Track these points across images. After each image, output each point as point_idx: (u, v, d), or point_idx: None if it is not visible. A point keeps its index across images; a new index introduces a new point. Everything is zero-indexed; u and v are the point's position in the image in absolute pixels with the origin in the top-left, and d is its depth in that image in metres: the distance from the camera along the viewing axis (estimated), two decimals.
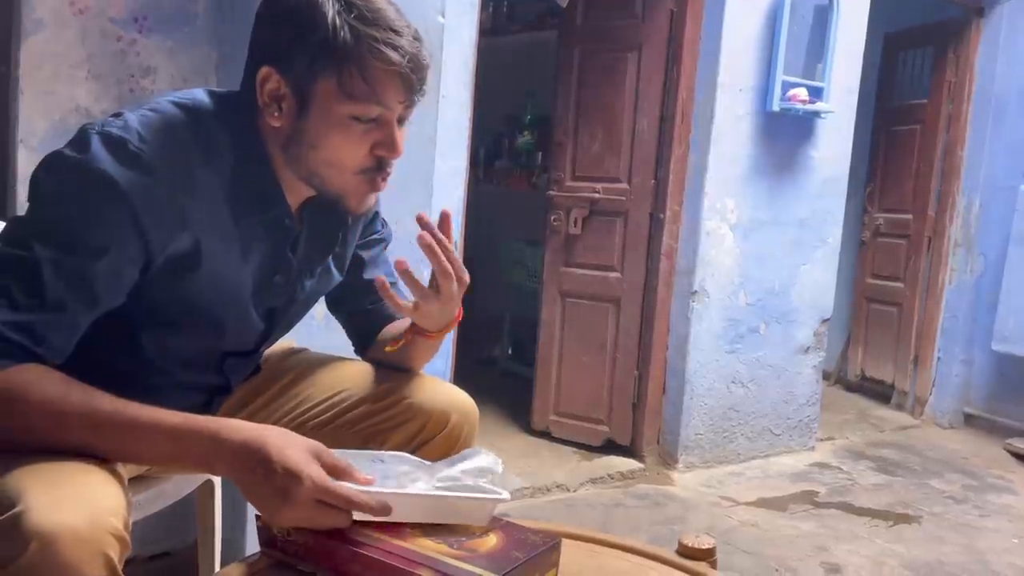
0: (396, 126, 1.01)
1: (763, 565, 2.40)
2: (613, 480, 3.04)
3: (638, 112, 3.16)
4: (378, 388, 1.24)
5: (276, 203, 1.04)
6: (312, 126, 0.98)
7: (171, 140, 0.95)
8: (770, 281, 3.31)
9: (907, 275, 4.24)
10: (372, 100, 0.96)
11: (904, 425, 4.06)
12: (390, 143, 1.00)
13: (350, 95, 0.96)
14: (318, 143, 0.99)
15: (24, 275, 0.86)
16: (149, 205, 0.91)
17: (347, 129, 0.98)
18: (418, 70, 0.98)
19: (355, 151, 0.99)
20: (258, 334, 1.16)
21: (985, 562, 2.52)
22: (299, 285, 1.15)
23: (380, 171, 1.02)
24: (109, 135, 0.91)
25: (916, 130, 4.22)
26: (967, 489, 3.20)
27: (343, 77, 0.95)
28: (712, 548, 1.09)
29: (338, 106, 0.96)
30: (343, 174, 1.01)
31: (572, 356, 3.33)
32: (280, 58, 0.97)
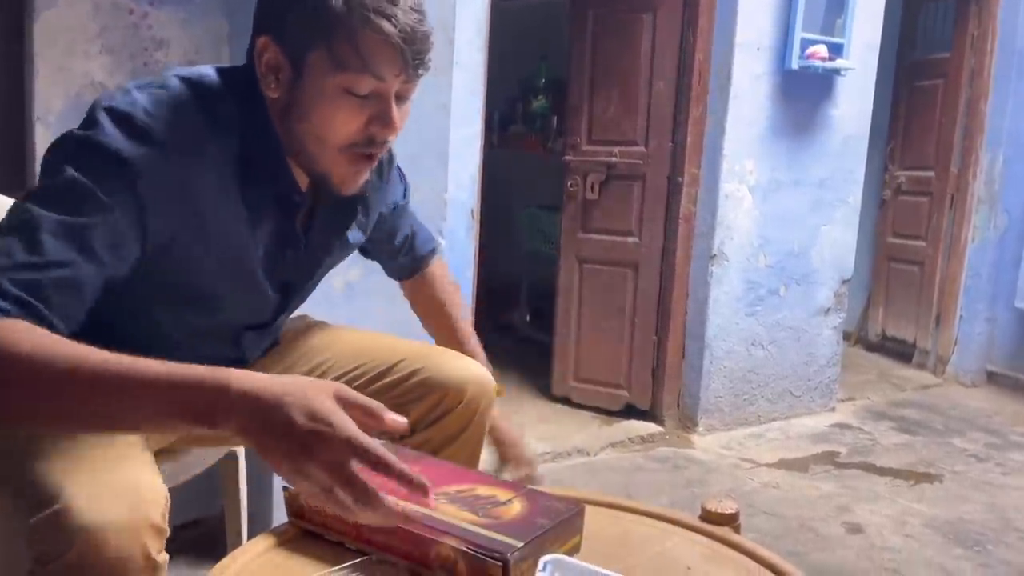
0: (393, 101, 0.97)
1: (784, 526, 2.42)
2: (633, 444, 3.05)
3: (654, 74, 3.11)
4: (395, 362, 1.24)
5: (283, 177, 1.03)
6: (304, 97, 0.96)
7: (178, 115, 0.94)
8: (790, 242, 3.29)
9: (929, 233, 4.19)
10: (364, 71, 0.93)
11: (926, 384, 4.04)
12: (385, 118, 0.97)
13: (341, 65, 0.93)
14: (309, 115, 0.96)
15: (25, 234, 0.84)
16: (153, 178, 0.90)
17: (339, 101, 0.95)
18: (414, 41, 0.94)
19: (346, 125, 0.96)
20: (274, 307, 1.16)
21: (1007, 519, 2.52)
22: (316, 260, 1.16)
23: (369, 147, 0.99)
24: (114, 110, 0.91)
25: (938, 85, 4.14)
26: (990, 447, 3.19)
27: (334, 47, 0.92)
28: (736, 513, 1.10)
29: (330, 77, 0.94)
30: (329, 150, 0.98)
31: (591, 322, 3.33)
32: (277, 27, 0.96)
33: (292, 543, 0.96)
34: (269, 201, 1.04)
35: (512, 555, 0.83)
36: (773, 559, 1.00)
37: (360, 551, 0.91)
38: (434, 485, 0.96)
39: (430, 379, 1.21)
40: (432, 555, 0.86)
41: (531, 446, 1.22)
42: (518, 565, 0.84)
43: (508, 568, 0.83)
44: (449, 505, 0.92)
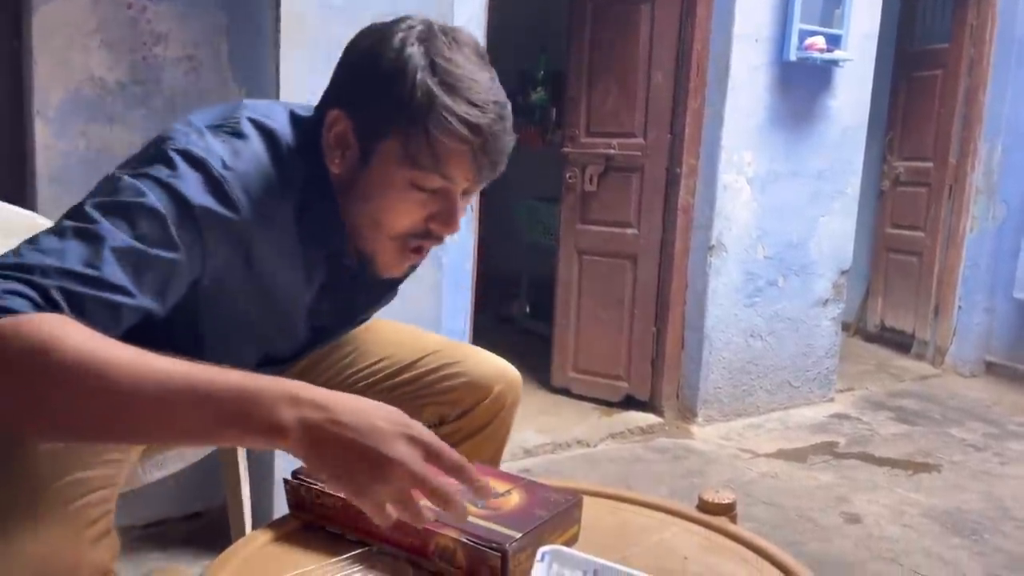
0: (458, 201, 0.94)
1: (783, 516, 2.43)
2: (633, 435, 3.07)
3: (652, 65, 3.11)
4: (422, 356, 1.24)
5: (338, 240, 1.00)
6: (368, 181, 0.93)
7: (253, 173, 0.90)
8: (788, 234, 3.29)
9: (927, 224, 4.19)
10: (435, 171, 0.90)
11: (924, 375, 4.05)
12: (447, 218, 0.94)
13: (413, 162, 0.90)
14: (371, 198, 0.94)
15: (88, 242, 0.77)
16: (222, 233, 0.87)
17: (404, 193, 0.92)
18: (492, 152, 0.91)
19: (406, 217, 0.94)
20: (301, 347, 1.17)
21: (1005, 509, 2.54)
22: (353, 314, 1.18)
23: (424, 240, 0.97)
24: (191, 154, 0.86)
25: (937, 75, 4.14)
26: (988, 437, 3.21)
27: (409, 141, 0.89)
28: (732, 503, 1.11)
29: (399, 169, 0.91)
30: (382, 237, 0.96)
31: (590, 313, 3.34)
32: (354, 105, 0.93)
33: (293, 535, 0.97)
34: (322, 259, 1.02)
35: (510, 546, 0.84)
36: (769, 548, 1.01)
37: (360, 543, 0.92)
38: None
39: (456, 374, 1.22)
40: (431, 546, 0.87)
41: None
42: (516, 556, 0.85)
43: (507, 559, 0.84)
44: None
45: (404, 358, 1.24)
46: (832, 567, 2.13)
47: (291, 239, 0.97)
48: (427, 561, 0.88)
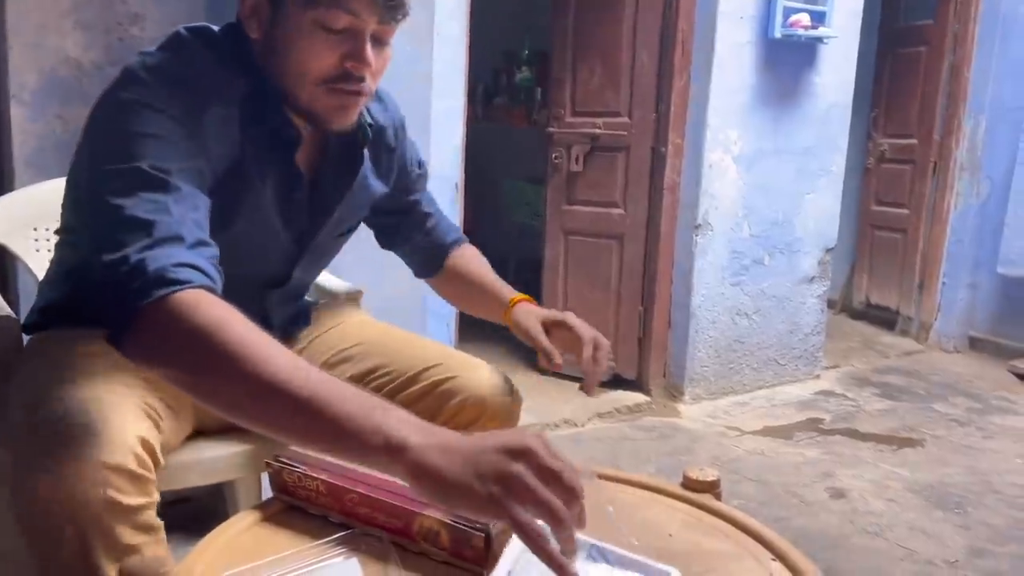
0: (368, 40, 0.99)
1: (769, 492, 2.45)
2: (620, 414, 3.08)
3: (637, 44, 3.10)
4: (418, 369, 1.23)
5: (275, 113, 1.05)
6: (282, 35, 0.99)
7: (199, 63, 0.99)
8: (774, 212, 3.30)
9: (912, 201, 4.21)
10: (335, 6, 0.95)
11: (909, 351, 4.08)
12: (357, 53, 0.99)
13: (311, 2, 0.96)
14: (285, 51, 0.99)
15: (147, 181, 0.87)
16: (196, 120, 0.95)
17: (312, 36, 0.97)
18: None
19: (320, 59, 0.98)
20: (290, 256, 1.17)
21: (988, 482, 2.57)
22: (327, 206, 1.17)
23: (346, 83, 1.00)
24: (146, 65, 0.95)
25: (921, 52, 4.13)
26: (971, 411, 3.24)
27: None
28: (716, 480, 1.11)
29: (304, 12, 0.96)
30: (307, 85, 1.00)
31: (577, 294, 3.34)
32: None
33: (278, 517, 0.97)
34: (267, 140, 1.05)
35: (494, 526, 0.84)
36: (752, 524, 1.02)
37: (344, 524, 0.92)
38: None
39: (451, 391, 1.21)
40: (415, 527, 0.87)
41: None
42: (500, 536, 0.85)
43: (490, 538, 0.84)
44: None
45: (403, 372, 1.24)
46: (817, 542, 2.15)
47: (234, 122, 1.02)
48: (411, 543, 0.88)
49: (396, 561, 0.85)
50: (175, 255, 0.82)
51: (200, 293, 0.80)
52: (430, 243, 1.39)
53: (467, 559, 0.86)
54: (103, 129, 0.94)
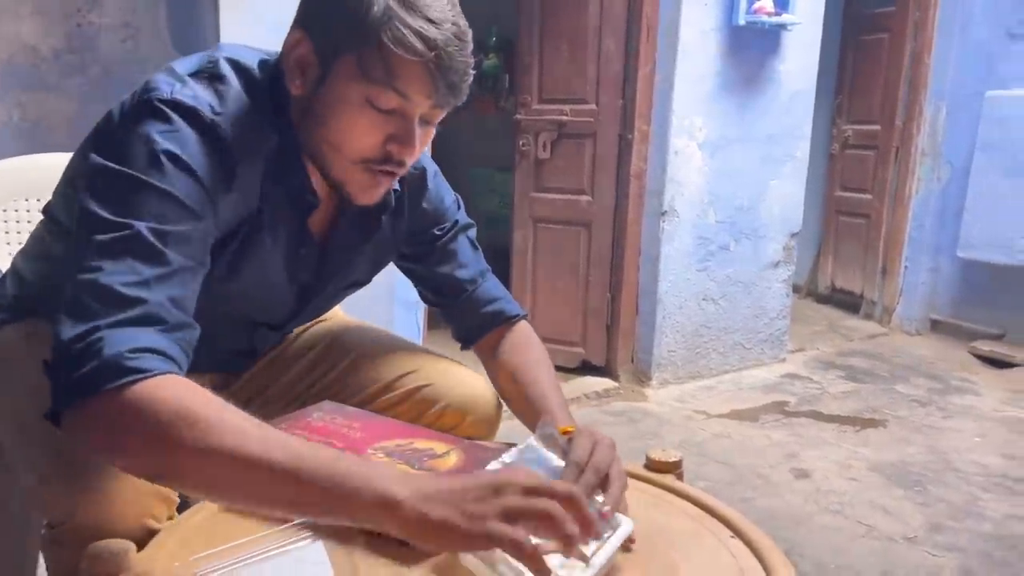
0: (416, 122, 0.94)
1: (735, 474, 2.49)
2: (589, 400, 3.10)
3: (603, 31, 3.11)
4: (396, 376, 1.22)
5: (297, 175, 1.00)
6: (325, 100, 0.93)
7: (237, 109, 0.92)
8: (739, 198, 3.33)
9: (875, 186, 4.27)
10: (388, 87, 0.89)
11: (873, 333, 4.15)
12: (404, 136, 0.93)
13: (367, 76, 0.89)
14: (327, 120, 0.93)
15: (138, 248, 0.80)
16: (218, 176, 0.89)
17: (359, 112, 0.91)
18: (448, 71, 0.90)
19: (362, 138, 0.93)
20: (289, 309, 1.15)
21: (948, 461, 2.63)
22: (334, 266, 1.13)
23: (386, 164, 0.95)
24: (179, 104, 0.87)
25: (883, 39, 4.19)
26: (932, 392, 3.31)
27: (363, 55, 0.89)
28: (678, 461, 1.13)
29: (354, 85, 0.90)
30: (343, 161, 0.95)
31: (546, 281, 3.36)
32: (314, 25, 0.94)
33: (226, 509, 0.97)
34: (284, 199, 1.01)
35: None
36: (712, 503, 1.04)
37: None
38: (372, 440, 0.98)
39: (427, 399, 1.20)
40: None
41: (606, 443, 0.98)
42: None
43: None
44: (386, 458, 0.93)
45: (380, 377, 1.23)
46: (781, 521, 2.20)
47: (257, 179, 0.97)
48: None
49: (361, 543, 0.86)
50: (140, 339, 0.75)
51: (157, 381, 0.74)
52: (474, 305, 1.25)
53: None
54: (115, 156, 0.85)
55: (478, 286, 1.25)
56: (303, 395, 1.26)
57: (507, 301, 1.27)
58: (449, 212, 1.24)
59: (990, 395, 3.29)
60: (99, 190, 0.83)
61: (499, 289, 1.27)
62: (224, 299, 1.01)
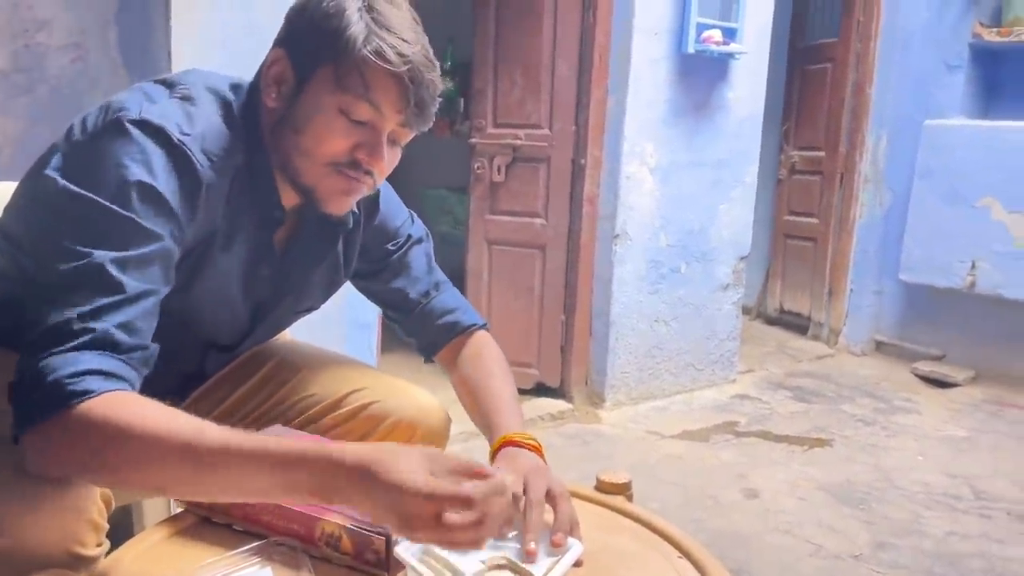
0: (385, 135, 0.98)
1: (686, 495, 2.52)
2: (543, 421, 3.12)
3: (556, 57, 3.16)
4: (345, 392, 1.23)
5: (266, 190, 1.02)
6: (300, 110, 0.97)
7: (207, 130, 0.94)
8: (690, 222, 3.40)
9: (821, 211, 4.39)
10: (363, 97, 0.94)
11: (820, 355, 4.24)
12: (372, 146, 0.97)
13: (343, 86, 0.94)
14: (302, 127, 0.97)
15: (97, 280, 0.81)
16: (184, 196, 0.90)
17: (332, 120, 0.96)
18: (419, 84, 0.96)
19: (333, 143, 0.97)
20: (242, 328, 1.15)
21: (890, 479, 2.69)
22: (290, 285, 1.14)
23: (353, 169, 0.98)
24: (149, 123, 0.89)
25: (827, 69, 4.32)
26: (876, 412, 3.39)
27: (340, 67, 0.94)
28: (627, 482, 1.15)
29: (330, 95, 0.95)
30: (315, 165, 0.98)
31: (500, 303, 3.37)
32: (293, 42, 0.99)
33: (189, 531, 0.96)
34: (249, 215, 1.02)
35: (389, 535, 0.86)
36: (661, 524, 1.05)
37: (249, 533, 0.92)
38: None
39: (376, 416, 1.21)
40: (317, 533, 0.88)
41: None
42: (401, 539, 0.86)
43: (390, 542, 0.85)
44: None
45: (328, 394, 1.23)
46: (731, 541, 2.23)
47: (221, 199, 0.98)
48: (314, 548, 0.89)
49: (309, 569, 0.86)
50: (82, 362, 0.78)
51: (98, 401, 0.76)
52: (423, 319, 1.27)
53: (369, 563, 0.87)
54: (82, 180, 0.85)
55: (433, 298, 1.27)
56: (251, 414, 1.25)
57: (464, 312, 1.29)
58: (402, 228, 1.26)
59: (931, 414, 3.38)
60: (65, 216, 0.85)
61: (456, 300, 1.30)
62: (179, 314, 1.01)
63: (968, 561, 2.17)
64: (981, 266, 3.69)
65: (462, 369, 1.25)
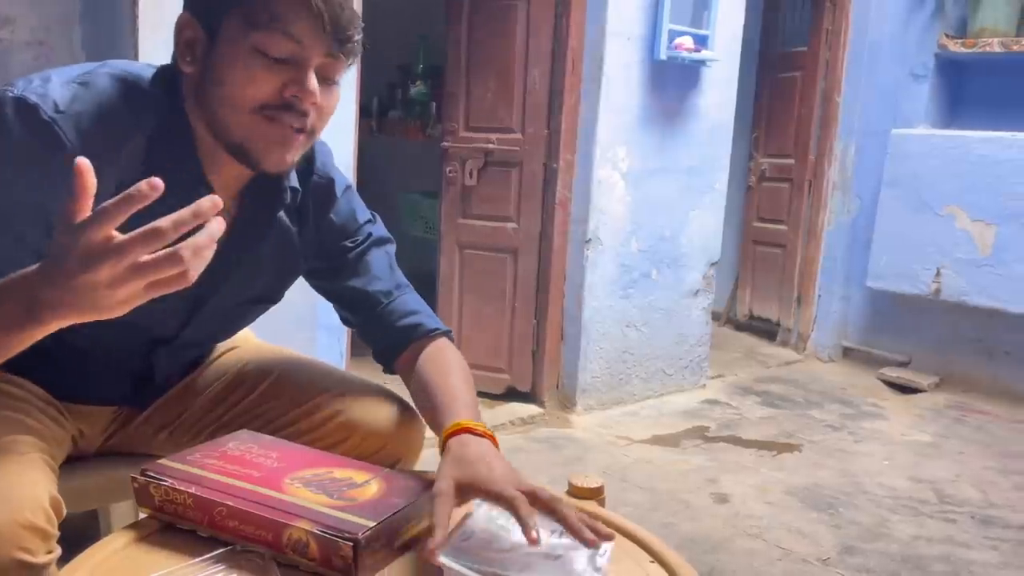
0: (312, 71, 0.93)
1: (657, 499, 2.52)
2: (514, 426, 3.11)
3: (529, 61, 3.16)
4: (316, 399, 1.20)
5: (188, 165, 0.98)
6: (218, 62, 0.93)
7: (91, 110, 0.91)
8: (660, 227, 3.41)
9: (790, 218, 4.43)
10: (275, 29, 0.91)
11: (788, 360, 4.28)
12: (300, 80, 0.93)
13: (252, 23, 0.91)
14: (222, 78, 0.93)
15: None
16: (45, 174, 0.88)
17: (251, 61, 0.92)
18: (333, 9, 0.91)
19: (257, 86, 0.92)
20: (179, 316, 1.11)
21: (858, 483, 2.72)
22: (226, 272, 1.08)
23: (286, 111, 0.94)
24: (24, 101, 0.88)
25: (797, 77, 4.37)
26: (844, 417, 3.43)
27: (246, 5, 0.91)
28: (600, 487, 1.14)
29: (243, 38, 0.91)
30: (242, 113, 0.93)
31: (472, 307, 3.36)
32: (196, 2, 0.96)
33: (153, 537, 0.94)
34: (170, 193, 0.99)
35: (363, 535, 0.84)
36: (632, 528, 1.05)
37: (215, 539, 0.90)
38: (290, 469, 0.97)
39: (347, 424, 1.18)
40: (284, 539, 0.87)
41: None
42: (370, 544, 0.85)
43: (359, 548, 0.84)
44: (303, 489, 0.92)
45: (298, 402, 1.21)
46: (701, 545, 2.23)
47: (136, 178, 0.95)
48: (280, 554, 0.87)
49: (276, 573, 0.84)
50: None
51: None
52: (382, 320, 1.20)
53: (336, 568, 0.85)
54: None
55: (394, 299, 1.21)
56: (218, 422, 1.23)
57: (427, 316, 1.22)
58: (363, 227, 1.21)
59: (897, 420, 3.43)
60: None
61: (418, 304, 1.23)
62: None
63: (933, 564, 2.20)
64: (946, 273, 3.75)
65: (419, 371, 1.16)
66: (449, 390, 1.10)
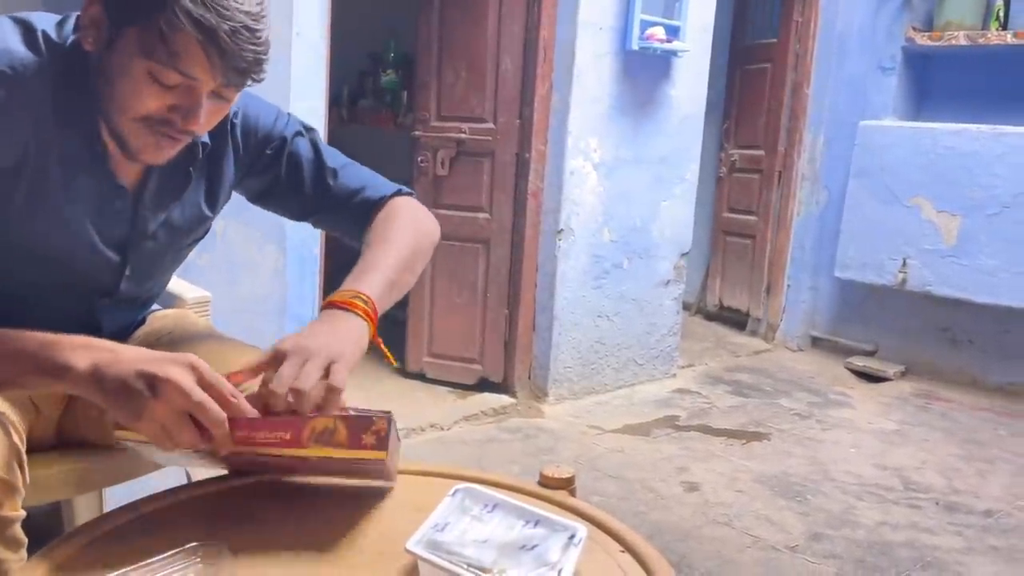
0: (204, 99, 0.94)
1: (628, 488, 2.54)
2: (487, 416, 3.11)
3: (501, 50, 3.14)
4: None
5: (88, 125, 0.99)
6: (111, 65, 0.93)
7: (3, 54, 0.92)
8: (632, 218, 3.42)
9: (760, 208, 4.46)
10: (171, 67, 0.90)
11: (758, 350, 4.32)
12: (189, 109, 0.93)
13: (149, 54, 0.89)
14: (113, 82, 0.93)
15: None
16: None
17: (142, 82, 0.92)
18: (231, 57, 0.90)
19: (145, 104, 0.93)
20: (113, 268, 1.12)
21: (825, 471, 2.76)
22: (150, 218, 1.11)
23: (168, 127, 0.95)
24: None
25: (767, 69, 4.40)
26: (812, 406, 3.47)
27: (145, 33, 0.89)
28: (571, 477, 1.14)
29: (138, 60, 0.91)
30: (125, 120, 0.95)
31: (444, 298, 3.35)
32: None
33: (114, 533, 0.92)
34: (73, 147, 1.00)
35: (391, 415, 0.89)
36: (603, 518, 1.05)
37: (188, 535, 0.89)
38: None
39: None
40: (307, 432, 0.87)
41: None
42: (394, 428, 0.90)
43: (391, 422, 0.88)
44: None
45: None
46: (672, 533, 2.25)
47: (47, 128, 0.96)
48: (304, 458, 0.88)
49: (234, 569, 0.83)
50: None
51: None
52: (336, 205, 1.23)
53: (366, 446, 0.87)
54: None
55: (338, 179, 1.23)
56: None
57: (372, 187, 1.24)
58: (275, 129, 1.21)
59: (863, 408, 3.48)
60: None
61: (361, 178, 1.25)
62: (35, 248, 1.02)
63: (898, 550, 2.24)
64: (912, 264, 3.80)
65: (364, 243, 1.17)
66: (361, 263, 1.11)
